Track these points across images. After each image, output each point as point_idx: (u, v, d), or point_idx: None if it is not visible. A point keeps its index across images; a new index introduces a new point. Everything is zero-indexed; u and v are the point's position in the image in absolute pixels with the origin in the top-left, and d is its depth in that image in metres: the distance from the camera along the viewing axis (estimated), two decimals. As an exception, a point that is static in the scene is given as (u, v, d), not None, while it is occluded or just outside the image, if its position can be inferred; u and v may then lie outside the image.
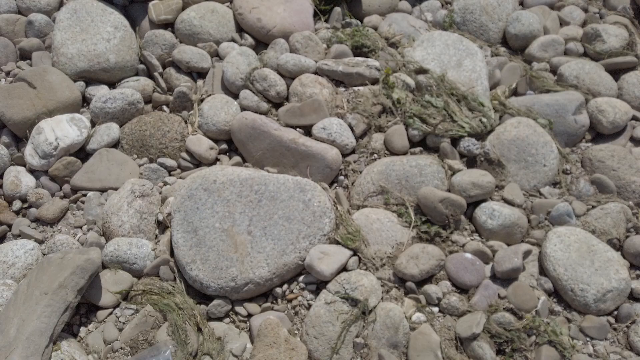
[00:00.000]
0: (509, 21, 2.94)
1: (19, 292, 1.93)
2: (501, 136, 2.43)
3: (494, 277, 2.08)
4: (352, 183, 2.39)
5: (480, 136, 2.46)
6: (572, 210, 2.27)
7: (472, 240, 2.18)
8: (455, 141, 2.44)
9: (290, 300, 2.06)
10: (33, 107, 2.47)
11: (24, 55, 2.77)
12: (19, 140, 2.50)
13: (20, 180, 2.36)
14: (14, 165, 2.43)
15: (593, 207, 2.30)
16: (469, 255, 2.10)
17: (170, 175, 2.44)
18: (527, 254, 2.11)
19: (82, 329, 2.01)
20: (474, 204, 2.26)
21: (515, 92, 2.72)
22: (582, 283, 2.03)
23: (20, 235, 2.24)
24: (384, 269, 2.09)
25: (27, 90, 2.50)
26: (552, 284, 2.08)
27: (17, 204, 2.33)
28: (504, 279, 2.07)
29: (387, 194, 2.28)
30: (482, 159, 2.40)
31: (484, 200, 2.26)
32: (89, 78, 2.67)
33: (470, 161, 2.42)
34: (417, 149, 2.45)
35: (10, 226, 2.29)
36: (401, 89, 2.57)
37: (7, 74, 2.69)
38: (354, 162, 2.43)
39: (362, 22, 3.00)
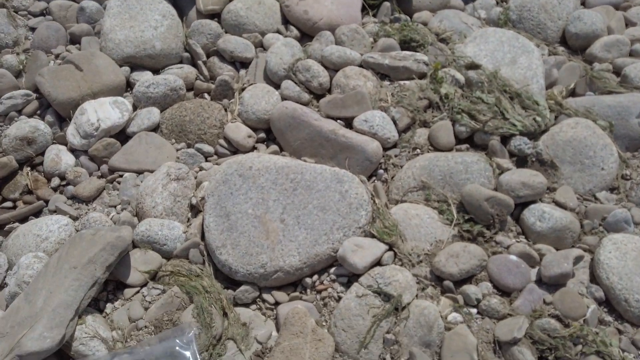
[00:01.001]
0: (570, 20, 2.78)
1: (49, 264, 1.92)
2: (556, 136, 2.27)
3: (539, 282, 1.92)
4: (392, 177, 2.28)
5: (533, 136, 2.30)
6: (630, 217, 2.08)
7: (517, 242, 2.03)
8: (505, 140, 2.29)
9: (319, 291, 1.96)
10: (78, 88, 2.50)
11: (74, 40, 2.83)
12: (62, 120, 2.53)
13: (61, 158, 2.38)
14: (55, 144, 2.46)
15: (655, 215, 2.12)
16: (513, 257, 1.95)
17: (206, 160, 2.41)
18: (578, 259, 1.95)
19: (109, 305, 1.98)
20: (522, 205, 2.10)
21: (573, 93, 2.56)
22: (638, 294, 1.84)
23: (56, 211, 2.25)
24: (420, 265, 1.97)
25: (74, 73, 2.53)
26: (603, 292, 1.90)
27: (55, 181, 2.35)
28: (551, 284, 1.91)
29: (428, 190, 2.17)
30: (534, 159, 2.25)
31: (534, 202, 2.10)
32: (134, 64, 2.68)
33: (521, 161, 2.27)
34: (464, 146, 2.32)
35: (47, 202, 2.30)
36: (450, 84, 2.46)
37: (57, 56, 2.75)
38: (395, 156, 2.33)
39: (411, 17, 2.91)
